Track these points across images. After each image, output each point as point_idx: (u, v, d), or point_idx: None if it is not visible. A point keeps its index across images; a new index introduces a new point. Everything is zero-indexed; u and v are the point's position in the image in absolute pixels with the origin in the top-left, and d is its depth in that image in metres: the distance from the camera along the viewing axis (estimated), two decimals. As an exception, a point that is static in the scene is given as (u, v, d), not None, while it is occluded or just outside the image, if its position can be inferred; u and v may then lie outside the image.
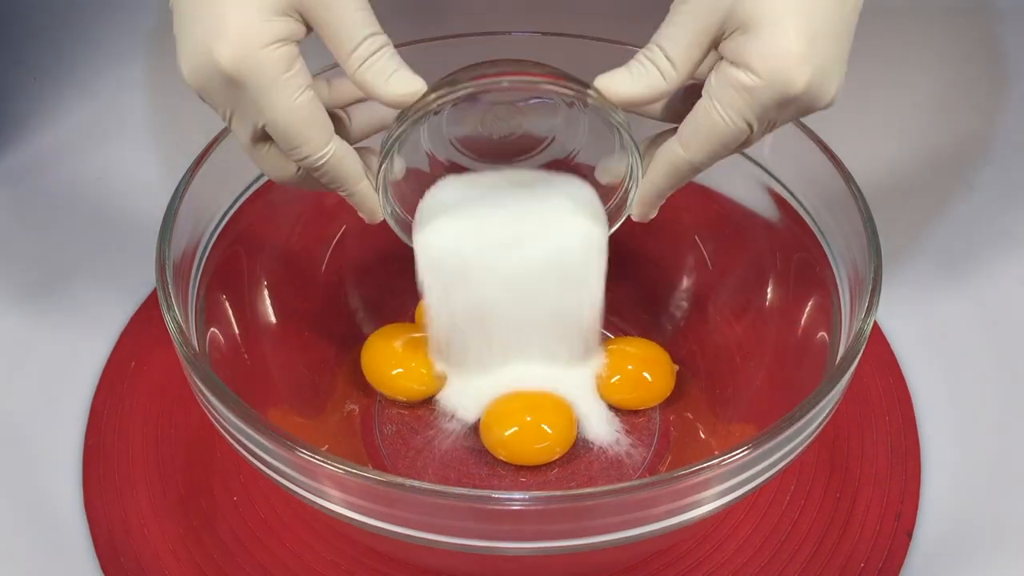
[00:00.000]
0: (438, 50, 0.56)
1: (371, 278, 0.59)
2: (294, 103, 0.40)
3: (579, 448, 0.53)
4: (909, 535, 0.50)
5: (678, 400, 0.55)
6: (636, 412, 0.55)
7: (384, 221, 0.47)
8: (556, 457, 0.52)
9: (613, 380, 0.54)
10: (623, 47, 0.55)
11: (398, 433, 0.54)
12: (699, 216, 0.58)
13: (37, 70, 0.78)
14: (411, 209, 0.49)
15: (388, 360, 0.55)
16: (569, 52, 0.56)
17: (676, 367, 0.55)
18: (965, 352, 0.59)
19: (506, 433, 0.51)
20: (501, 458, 0.52)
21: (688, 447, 0.53)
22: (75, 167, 0.70)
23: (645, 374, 0.55)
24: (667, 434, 0.54)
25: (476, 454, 0.53)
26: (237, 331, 0.51)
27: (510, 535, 0.38)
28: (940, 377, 0.58)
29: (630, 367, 0.55)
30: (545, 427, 0.52)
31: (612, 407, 0.54)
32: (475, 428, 0.53)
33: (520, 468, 0.52)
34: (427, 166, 0.50)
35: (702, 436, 0.53)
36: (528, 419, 0.52)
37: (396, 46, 0.54)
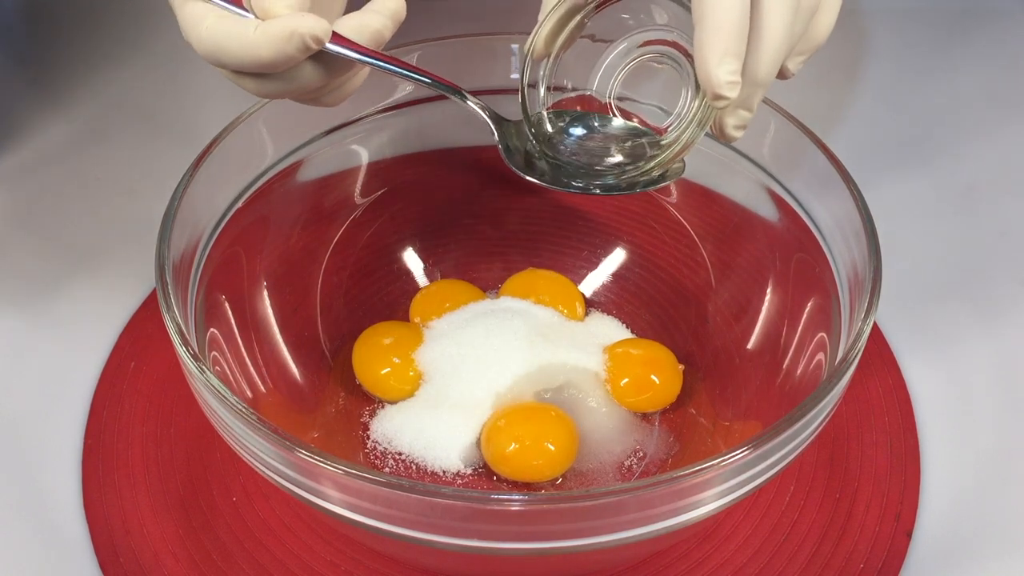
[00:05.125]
0: (439, 51, 0.56)
1: (370, 279, 0.59)
2: (203, 27, 0.39)
3: (581, 455, 0.53)
4: (909, 535, 0.50)
5: (678, 400, 0.55)
6: (637, 413, 0.55)
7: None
8: (558, 474, 0.52)
9: (622, 383, 0.54)
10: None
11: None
12: (699, 216, 0.58)
13: (37, 70, 0.78)
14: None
15: (375, 359, 0.55)
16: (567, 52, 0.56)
17: (682, 367, 0.55)
18: (965, 352, 0.59)
19: (507, 450, 0.51)
20: (502, 475, 0.52)
21: (688, 447, 0.53)
22: (75, 167, 0.70)
23: (653, 376, 0.54)
24: (667, 434, 0.54)
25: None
26: (237, 331, 0.51)
27: (510, 535, 0.38)
28: (940, 377, 0.58)
29: (638, 370, 0.54)
30: (548, 444, 0.51)
31: (620, 409, 0.54)
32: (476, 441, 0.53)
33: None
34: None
35: (702, 436, 0.53)
36: (529, 436, 0.51)
37: (399, 46, 0.55)
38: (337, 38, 0.40)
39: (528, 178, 0.47)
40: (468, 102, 0.46)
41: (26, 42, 0.80)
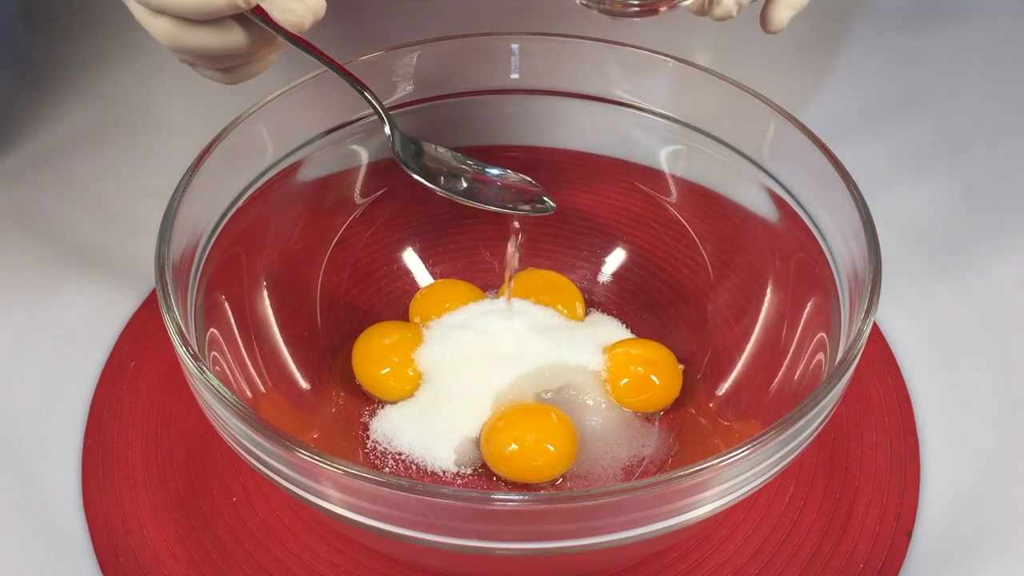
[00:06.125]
0: (439, 51, 0.56)
1: (370, 279, 0.59)
2: None
3: (581, 455, 0.53)
4: (909, 535, 0.50)
5: (678, 400, 0.55)
6: (637, 413, 0.55)
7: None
8: (557, 475, 0.52)
9: (622, 384, 0.54)
10: (619, 46, 0.55)
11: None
12: (699, 216, 0.58)
13: (37, 70, 0.78)
14: None
15: (375, 359, 0.55)
16: (567, 53, 0.56)
17: (682, 367, 0.55)
18: (965, 352, 0.59)
19: (507, 450, 0.51)
20: (502, 475, 0.52)
21: (688, 447, 0.53)
22: (75, 167, 0.70)
23: (653, 377, 0.54)
24: (667, 434, 0.54)
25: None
26: (237, 331, 0.51)
27: (509, 536, 0.38)
28: (940, 377, 0.58)
29: (639, 370, 0.54)
30: (548, 445, 0.51)
31: (620, 410, 0.54)
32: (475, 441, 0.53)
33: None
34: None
35: (702, 436, 0.53)
36: (529, 437, 0.51)
37: (400, 47, 0.55)
38: (262, 12, 0.43)
39: (416, 177, 0.50)
40: (366, 95, 0.49)
41: (26, 42, 0.80)
